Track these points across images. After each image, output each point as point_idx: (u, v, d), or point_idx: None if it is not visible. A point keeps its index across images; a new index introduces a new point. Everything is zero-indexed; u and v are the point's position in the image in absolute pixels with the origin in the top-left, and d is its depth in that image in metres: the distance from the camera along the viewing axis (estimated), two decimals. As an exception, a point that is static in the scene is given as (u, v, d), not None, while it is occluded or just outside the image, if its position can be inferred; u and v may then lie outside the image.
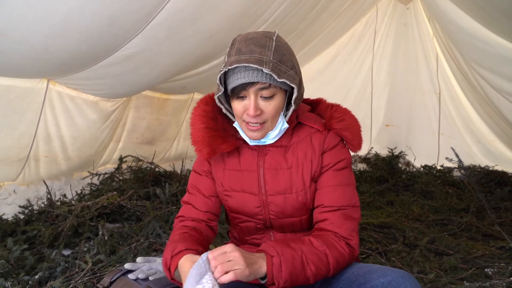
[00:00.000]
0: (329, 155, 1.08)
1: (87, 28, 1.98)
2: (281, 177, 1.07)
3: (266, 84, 0.97)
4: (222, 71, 0.98)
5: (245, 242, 1.18)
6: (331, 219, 1.02)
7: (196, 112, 1.09)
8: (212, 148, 1.06)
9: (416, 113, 4.92)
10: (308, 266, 0.94)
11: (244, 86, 0.97)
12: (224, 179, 1.12)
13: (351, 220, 1.03)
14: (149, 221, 2.17)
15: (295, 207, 1.07)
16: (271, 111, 1.00)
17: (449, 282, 1.66)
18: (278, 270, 0.90)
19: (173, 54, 2.69)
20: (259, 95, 0.99)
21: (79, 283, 1.42)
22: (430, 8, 4.16)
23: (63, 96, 2.64)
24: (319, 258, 0.95)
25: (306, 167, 1.07)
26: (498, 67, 3.11)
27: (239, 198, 1.11)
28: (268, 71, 0.93)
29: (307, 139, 1.09)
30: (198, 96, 4.29)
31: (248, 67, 0.95)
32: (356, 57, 5.01)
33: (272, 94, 0.99)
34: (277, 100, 1.01)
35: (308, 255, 0.95)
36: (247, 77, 0.95)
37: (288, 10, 3.10)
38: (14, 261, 1.63)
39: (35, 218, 2.29)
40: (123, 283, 1.17)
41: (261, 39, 0.98)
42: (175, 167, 3.81)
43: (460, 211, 2.97)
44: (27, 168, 2.69)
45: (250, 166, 1.10)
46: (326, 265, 0.96)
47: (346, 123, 1.09)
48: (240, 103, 1.00)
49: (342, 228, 1.01)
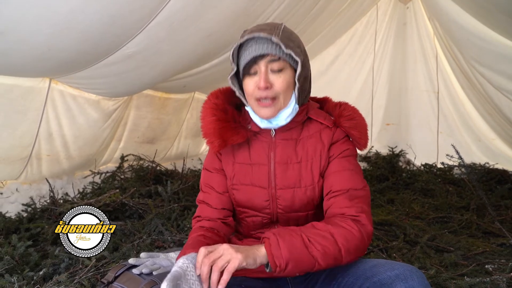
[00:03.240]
0: (335, 147, 1.10)
1: (89, 27, 1.99)
2: (291, 171, 1.08)
3: (276, 57, 1.00)
4: (235, 46, 1.02)
5: (250, 236, 1.19)
6: (337, 202, 1.02)
7: (207, 105, 1.11)
8: (223, 139, 1.06)
9: (416, 112, 4.94)
10: (313, 245, 0.91)
11: (255, 60, 1.01)
12: (233, 173, 1.13)
13: (357, 199, 1.02)
14: (151, 218, 2.19)
15: (303, 202, 1.08)
16: (281, 84, 1.02)
17: (450, 278, 1.67)
18: (276, 248, 0.89)
19: (174, 53, 2.71)
20: (269, 68, 1.02)
21: (83, 279, 1.43)
22: (430, 7, 4.18)
23: (65, 95, 2.65)
24: (323, 237, 0.93)
25: (315, 162, 1.09)
26: (498, 65, 3.13)
27: (248, 192, 1.11)
28: (276, 40, 0.97)
29: (316, 135, 1.11)
30: (199, 95, 4.30)
31: (259, 40, 1.00)
32: (357, 57, 5.03)
33: (282, 67, 1.02)
34: (287, 74, 1.03)
35: (309, 235, 0.93)
36: (258, 49, 1.00)
37: (289, 9, 3.11)
38: (19, 257, 1.64)
39: (38, 216, 2.30)
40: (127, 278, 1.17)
41: (270, 23, 1.05)
42: (176, 166, 3.82)
43: (460, 209, 2.97)
44: (29, 167, 2.70)
45: (260, 160, 1.11)
46: (333, 244, 0.92)
47: (355, 122, 1.11)
48: (251, 79, 1.03)
49: (348, 208, 1.00)
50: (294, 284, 1.14)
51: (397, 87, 5.01)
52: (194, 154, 4.82)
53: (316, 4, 3.49)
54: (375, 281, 0.90)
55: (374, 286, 0.91)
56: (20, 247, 1.70)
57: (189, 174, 3.61)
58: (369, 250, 2.08)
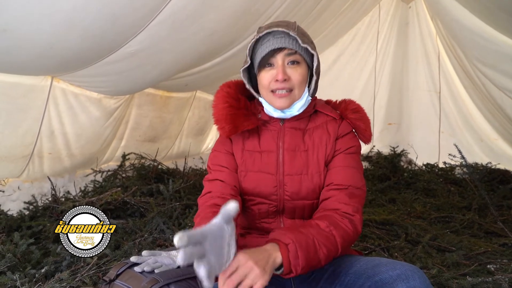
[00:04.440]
0: (341, 141, 1.13)
1: (91, 26, 1.99)
2: (298, 158, 1.12)
3: (293, 50, 1.06)
4: (253, 39, 1.07)
5: (253, 227, 1.18)
6: (336, 196, 1.05)
7: (219, 94, 1.14)
8: (234, 125, 1.09)
9: (418, 112, 4.93)
10: (321, 249, 0.94)
11: (272, 53, 1.06)
12: (242, 160, 1.15)
13: (355, 198, 1.06)
14: (153, 217, 2.19)
15: (309, 189, 1.10)
16: (297, 77, 1.07)
17: (452, 277, 1.66)
18: (295, 257, 0.89)
19: (176, 52, 2.71)
20: (286, 61, 1.07)
21: (85, 277, 1.43)
22: (432, 6, 4.17)
23: (67, 93, 2.65)
24: (328, 239, 0.96)
25: (321, 151, 1.12)
26: (500, 64, 3.12)
27: (255, 178, 1.12)
28: (294, 35, 1.04)
29: (323, 126, 1.15)
30: (200, 94, 4.30)
31: (276, 34, 1.06)
32: (359, 57, 5.03)
33: (298, 61, 1.08)
34: (303, 67, 1.09)
35: (318, 238, 0.95)
36: (276, 43, 1.05)
37: (290, 8, 3.11)
38: (21, 255, 1.65)
39: (40, 214, 2.30)
40: (129, 276, 1.18)
41: (285, 20, 1.11)
42: (178, 164, 3.82)
43: (462, 208, 2.97)
44: (31, 165, 2.70)
45: (269, 147, 1.14)
46: (335, 245, 0.97)
47: (361, 115, 1.16)
48: (268, 72, 1.08)
49: (346, 205, 1.03)
50: (297, 283, 1.13)
51: (399, 87, 5.01)
52: (196, 153, 4.82)
53: (318, 3, 3.49)
54: (377, 280, 0.90)
55: (375, 285, 0.90)
56: (22, 245, 1.71)
57: (190, 172, 3.61)
58: (371, 249, 2.08)
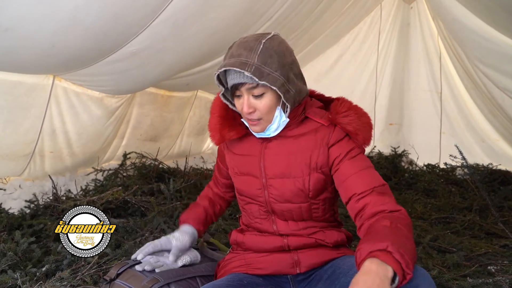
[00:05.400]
0: (337, 147, 1.10)
1: (93, 25, 1.99)
2: (280, 161, 1.13)
3: (254, 84, 1.04)
4: (216, 73, 1.08)
5: (250, 225, 1.23)
6: (371, 202, 1.00)
7: (214, 103, 1.20)
8: (221, 135, 1.18)
9: (419, 112, 4.92)
10: (407, 238, 0.88)
11: (236, 86, 1.06)
12: (233, 163, 1.23)
13: (389, 196, 1.02)
14: (154, 216, 2.19)
15: (293, 192, 1.11)
16: (262, 108, 1.07)
17: (452, 279, 1.66)
18: (400, 256, 0.81)
19: (177, 51, 2.71)
20: (251, 94, 1.06)
21: (85, 276, 1.44)
22: (434, 7, 4.16)
23: (69, 92, 2.66)
24: (402, 235, 0.88)
25: (305, 156, 1.11)
26: (502, 65, 3.11)
27: (244, 180, 1.21)
28: (249, 74, 0.99)
29: (312, 132, 1.13)
30: (202, 94, 4.30)
31: (235, 70, 1.03)
32: (360, 57, 5.02)
33: (262, 92, 1.05)
34: (268, 98, 1.06)
35: (397, 232, 0.88)
36: (236, 78, 1.05)
37: (292, 8, 3.10)
38: (22, 253, 1.65)
39: (41, 212, 2.31)
40: (129, 275, 1.18)
41: (251, 42, 1.04)
42: (179, 164, 3.82)
43: (463, 209, 2.96)
44: (32, 163, 2.71)
45: (253, 152, 1.18)
46: (409, 233, 0.92)
47: (350, 119, 1.10)
48: (238, 101, 1.10)
49: (386, 205, 0.99)
50: (295, 282, 1.14)
51: (400, 87, 4.99)
52: (197, 152, 4.82)
53: (320, 3, 3.49)
54: None
55: None
56: (23, 243, 1.71)
57: (191, 172, 3.61)
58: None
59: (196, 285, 1.18)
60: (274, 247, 1.15)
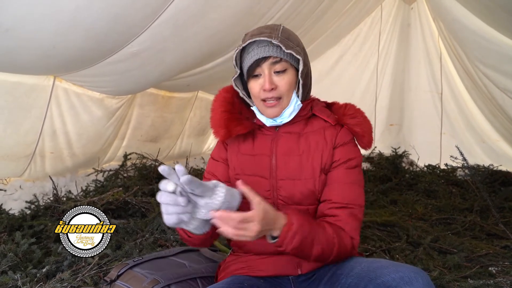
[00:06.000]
0: (340, 151, 1.11)
1: (94, 26, 1.99)
2: (292, 162, 1.11)
3: (278, 58, 1.05)
4: (237, 50, 1.07)
5: None
6: (340, 216, 1.06)
7: (217, 98, 1.16)
8: (228, 129, 1.11)
9: (420, 113, 4.92)
10: (316, 246, 0.98)
11: (258, 63, 1.05)
12: (237, 163, 1.17)
13: (356, 220, 1.07)
14: (154, 217, 2.19)
15: (303, 194, 1.10)
16: (284, 85, 1.07)
17: (453, 280, 1.66)
18: (291, 237, 0.94)
19: (178, 52, 2.71)
20: (272, 70, 1.06)
21: (86, 277, 1.44)
22: (434, 7, 4.16)
23: (69, 93, 2.66)
24: (327, 243, 1.00)
25: (316, 157, 1.10)
26: (502, 66, 3.11)
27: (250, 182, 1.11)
28: (276, 42, 1.02)
29: (320, 131, 1.14)
30: (202, 94, 4.30)
31: (260, 43, 1.05)
32: (361, 58, 5.02)
33: (284, 68, 1.07)
34: (289, 74, 1.08)
35: (320, 236, 0.99)
36: (260, 52, 1.04)
37: (293, 8, 3.10)
38: (22, 254, 1.65)
39: (41, 213, 2.31)
40: (130, 276, 1.18)
41: (270, 25, 1.10)
42: (179, 164, 3.82)
43: (463, 210, 2.96)
44: (33, 164, 2.71)
45: (263, 150, 1.14)
46: (330, 254, 1.01)
47: (358, 120, 1.14)
48: (256, 81, 1.08)
49: (349, 226, 1.05)
50: (296, 283, 1.13)
51: (400, 88, 4.99)
52: (197, 153, 4.83)
53: (320, 4, 3.49)
54: (379, 283, 0.89)
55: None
56: (23, 244, 1.71)
57: (192, 173, 3.61)
58: (372, 251, 2.08)
59: (197, 286, 1.18)
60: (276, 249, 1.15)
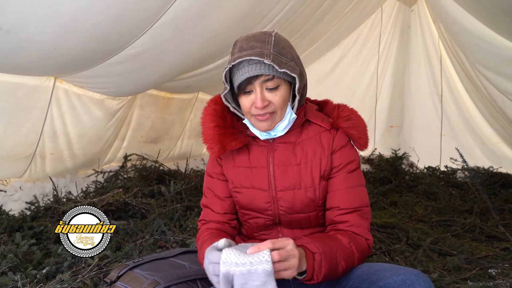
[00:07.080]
0: (339, 156, 1.10)
1: (95, 27, 2.00)
2: (290, 173, 1.09)
3: (270, 76, 1.00)
4: (226, 68, 1.01)
5: (254, 238, 1.19)
6: (351, 221, 1.06)
7: (207, 112, 1.12)
8: (222, 145, 1.08)
9: (420, 115, 4.93)
10: (341, 263, 0.97)
11: (249, 80, 1.00)
12: (234, 176, 1.14)
13: (367, 221, 1.08)
14: (154, 218, 2.19)
15: (304, 203, 1.09)
16: (278, 101, 1.03)
17: (453, 282, 1.66)
18: (319, 266, 0.93)
19: (178, 53, 2.71)
20: (264, 87, 1.02)
21: (86, 278, 1.44)
22: (434, 9, 4.17)
23: (70, 94, 2.66)
24: (348, 255, 0.99)
25: (315, 165, 1.09)
26: (502, 68, 3.11)
27: (249, 194, 1.12)
28: (269, 62, 0.96)
29: (316, 137, 1.11)
30: (202, 96, 4.30)
31: (251, 61, 0.99)
32: (361, 59, 5.03)
33: (277, 85, 1.02)
34: (283, 90, 1.03)
35: (340, 252, 0.98)
36: (251, 71, 0.99)
37: (293, 10, 3.11)
38: (22, 255, 1.65)
39: (42, 214, 2.31)
40: (130, 278, 1.18)
41: (261, 36, 1.03)
42: (179, 166, 3.82)
43: (463, 212, 2.96)
44: (33, 165, 2.71)
45: (260, 163, 1.12)
46: (353, 262, 1.00)
47: (353, 122, 1.11)
48: (247, 98, 1.03)
49: (361, 229, 1.06)
50: (297, 285, 1.13)
51: (401, 90, 5.00)
52: (197, 154, 4.83)
53: (321, 5, 3.49)
54: (381, 285, 0.89)
55: None
56: (23, 245, 1.71)
57: (192, 174, 3.61)
58: (371, 253, 2.08)
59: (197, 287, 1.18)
60: None
